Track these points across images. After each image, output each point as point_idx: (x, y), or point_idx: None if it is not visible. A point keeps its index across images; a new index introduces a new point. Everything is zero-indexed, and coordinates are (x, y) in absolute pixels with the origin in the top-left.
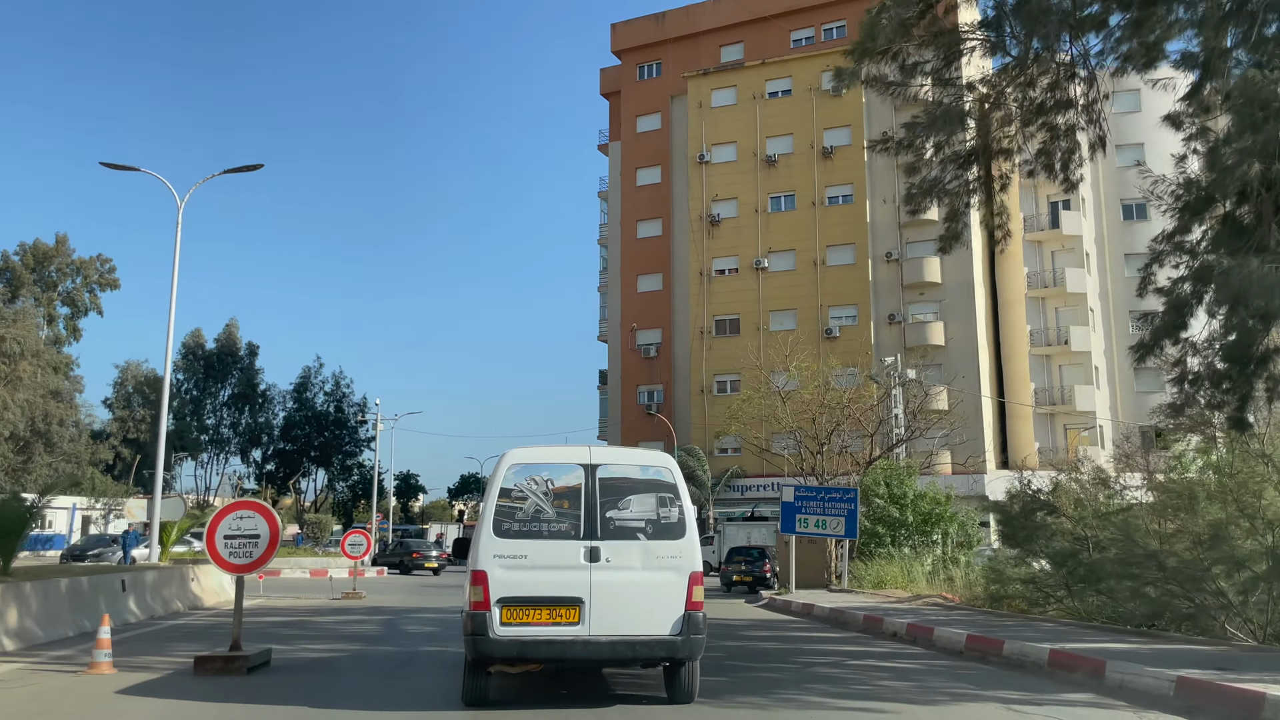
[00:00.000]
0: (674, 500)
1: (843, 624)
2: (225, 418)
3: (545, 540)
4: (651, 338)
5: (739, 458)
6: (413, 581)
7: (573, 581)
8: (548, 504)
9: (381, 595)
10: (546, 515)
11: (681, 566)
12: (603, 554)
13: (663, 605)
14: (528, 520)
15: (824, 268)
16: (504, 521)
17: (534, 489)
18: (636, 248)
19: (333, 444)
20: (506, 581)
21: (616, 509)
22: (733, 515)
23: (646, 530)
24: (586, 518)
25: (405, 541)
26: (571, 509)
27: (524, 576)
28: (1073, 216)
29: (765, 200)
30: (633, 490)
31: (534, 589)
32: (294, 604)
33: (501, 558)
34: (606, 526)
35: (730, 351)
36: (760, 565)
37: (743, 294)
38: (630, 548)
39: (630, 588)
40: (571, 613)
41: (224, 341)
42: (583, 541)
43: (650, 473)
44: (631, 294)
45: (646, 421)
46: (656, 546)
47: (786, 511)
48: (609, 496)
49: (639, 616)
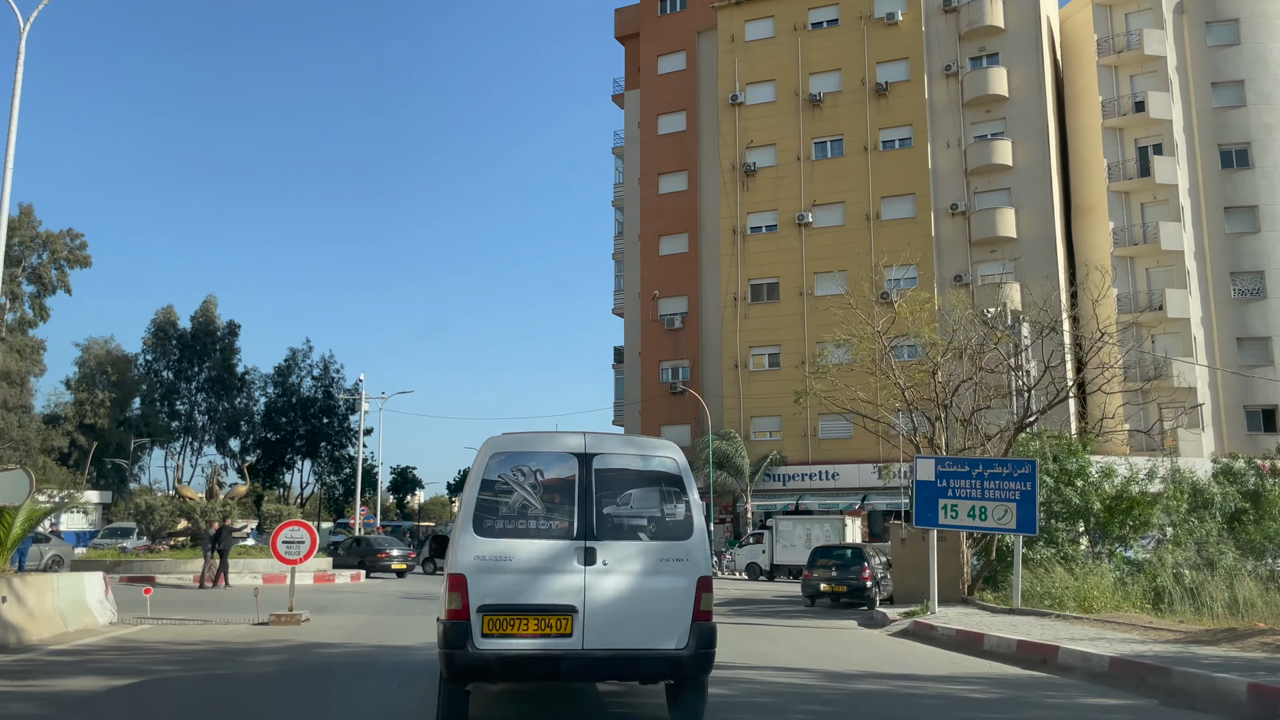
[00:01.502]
0: (680, 495)
1: (1118, 682)
2: (201, 403)
3: (533, 540)
4: (676, 307)
5: (778, 442)
6: (378, 590)
7: (564, 587)
8: (536, 498)
9: (331, 616)
10: (535, 511)
11: (689, 570)
12: (599, 556)
13: (667, 615)
14: (513, 516)
15: (878, 222)
16: (486, 518)
17: (520, 481)
18: (658, 205)
19: (320, 433)
20: (488, 587)
21: (615, 504)
22: (773, 509)
23: (649, 529)
24: (580, 514)
25: (368, 539)
26: (563, 504)
27: (508, 581)
28: (1165, 163)
29: (808, 146)
30: (634, 483)
31: (520, 595)
32: (177, 637)
33: (483, 559)
34: (603, 524)
35: (769, 320)
36: (857, 571)
37: (783, 254)
38: (630, 549)
39: (630, 594)
40: (563, 622)
41: (201, 320)
42: (576, 541)
43: (654, 463)
44: (653, 257)
45: (671, 402)
46: (660, 548)
47: (924, 496)
48: (606, 490)
49: (640, 627)
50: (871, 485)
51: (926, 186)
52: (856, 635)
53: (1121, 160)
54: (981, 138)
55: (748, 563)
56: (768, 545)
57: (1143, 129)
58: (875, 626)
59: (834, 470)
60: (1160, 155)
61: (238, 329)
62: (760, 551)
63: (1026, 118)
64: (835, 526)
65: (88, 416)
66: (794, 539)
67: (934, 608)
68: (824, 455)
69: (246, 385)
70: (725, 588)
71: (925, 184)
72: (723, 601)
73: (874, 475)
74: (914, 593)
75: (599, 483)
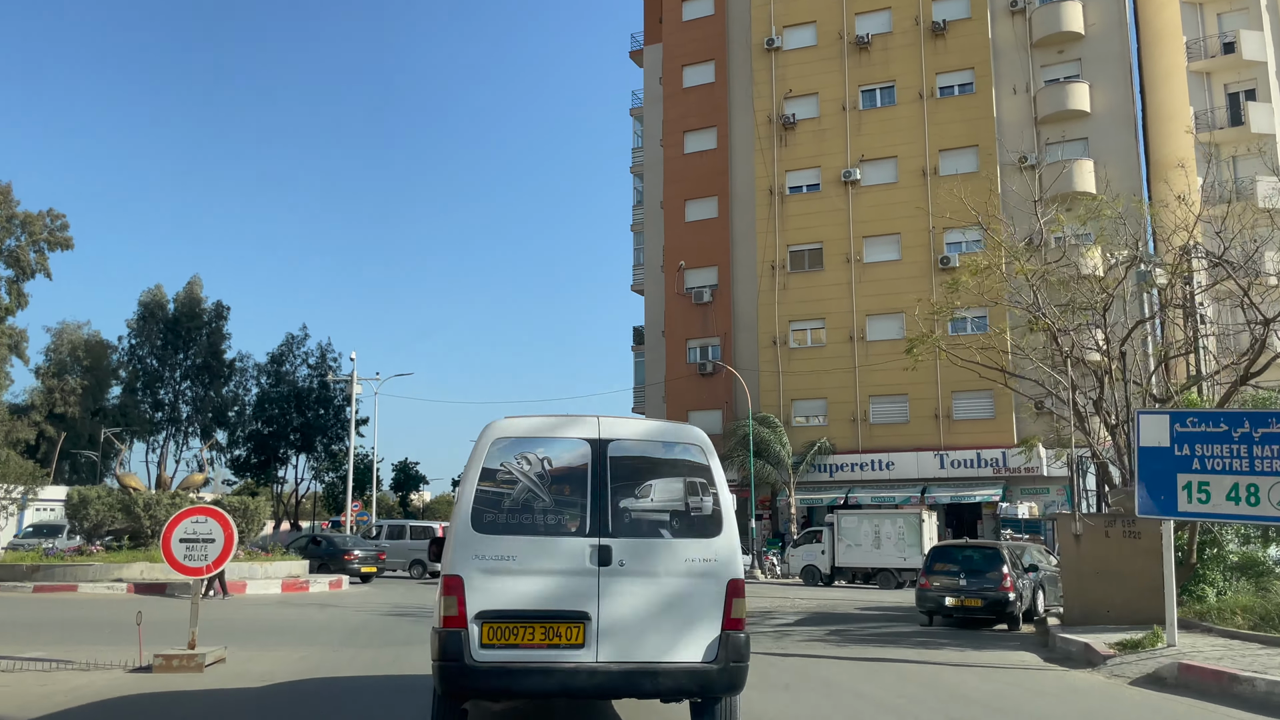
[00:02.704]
0: (707, 486)
1: None
2: (186, 392)
3: (540, 537)
4: (705, 278)
5: (822, 428)
6: (357, 603)
7: (576, 590)
8: (544, 489)
9: (265, 651)
10: (542, 504)
11: (717, 572)
12: (615, 555)
13: (692, 623)
14: (517, 510)
15: (937, 178)
16: (486, 512)
17: (526, 470)
18: (684, 166)
19: (315, 426)
20: (489, 590)
21: (633, 497)
22: (817, 503)
23: (672, 525)
24: (594, 508)
25: (329, 538)
26: (574, 496)
27: (512, 584)
28: (1260, 110)
29: (855, 94)
30: (654, 473)
31: (525, 600)
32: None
33: (483, 559)
34: (620, 519)
35: (811, 291)
36: (995, 580)
37: (827, 216)
38: (651, 547)
39: (650, 600)
40: (574, 631)
41: (185, 302)
42: (589, 539)
43: (677, 450)
44: (678, 225)
45: (699, 385)
46: (685, 546)
47: (1153, 469)
48: (623, 481)
49: (661, 637)
50: (932, 475)
51: (991, 137)
52: (1076, 685)
53: (1209, 108)
54: (1053, 81)
55: (804, 565)
56: (827, 544)
57: (1233, 72)
58: (1072, 663)
59: (888, 459)
60: (1254, 101)
61: (226, 311)
62: (819, 552)
63: (1105, 58)
64: (910, 523)
65: (57, 405)
66: (859, 536)
67: (1172, 637)
68: (876, 442)
69: (236, 373)
70: (786, 595)
71: (990, 135)
72: (797, 616)
73: (935, 464)
74: (1095, 610)
75: (615, 472)
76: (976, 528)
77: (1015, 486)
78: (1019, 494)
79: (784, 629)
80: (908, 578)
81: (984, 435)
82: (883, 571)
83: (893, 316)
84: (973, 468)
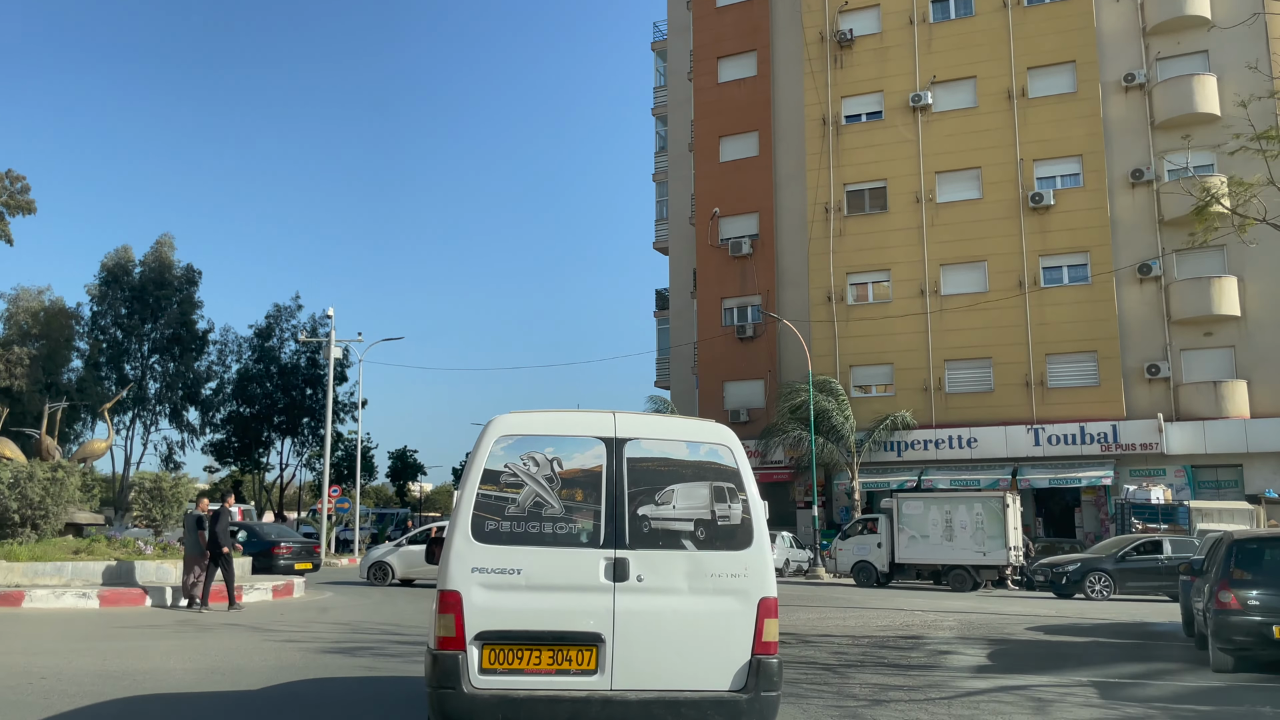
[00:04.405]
0: (736, 492)
1: None
2: (156, 367)
3: (549, 548)
4: (743, 227)
5: (889, 399)
6: (301, 616)
7: (588, 609)
8: (553, 494)
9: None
10: (551, 511)
11: (747, 589)
12: (632, 569)
13: (719, 646)
14: (523, 518)
15: (1025, 102)
16: (488, 520)
17: (533, 472)
18: (718, 98)
19: (301, 406)
20: (490, 608)
21: (654, 504)
22: (884, 487)
23: (696, 535)
24: (609, 516)
25: (250, 526)
26: (587, 502)
27: (516, 601)
28: None
29: (925, 3)
30: (677, 476)
31: (531, 620)
32: None
33: (484, 572)
34: (638, 529)
35: (874, 237)
36: None
37: (892, 149)
38: (672, 560)
39: (672, 620)
40: (586, 655)
41: (154, 265)
42: (603, 550)
43: (702, 451)
44: (711, 166)
45: (737, 351)
46: (711, 560)
47: None
48: (643, 485)
49: (684, 663)
50: (1025, 454)
51: (1091, 51)
52: None
53: None
54: None
55: (855, 562)
56: (885, 535)
57: None
58: None
59: (970, 435)
60: None
61: (198, 276)
62: (875, 545)
63: None
64: (991, 508)
65: (2, 378)
66: (925, 525)
67: None
68: (954, 415)
69: (210, 346)
70: (893, 604)
71: (1089, 48)
72: (977, 646)
73: (1028, 440)
74: None
75: (633, 475)
76: (1074, 517)
77: (1124, 467)
78: (1127, 476)
79: (983, 674)
80: (987, 577)
81: (1086, 406)
82: (956, 569)
83: (973, 265)
84: (1074, 444)
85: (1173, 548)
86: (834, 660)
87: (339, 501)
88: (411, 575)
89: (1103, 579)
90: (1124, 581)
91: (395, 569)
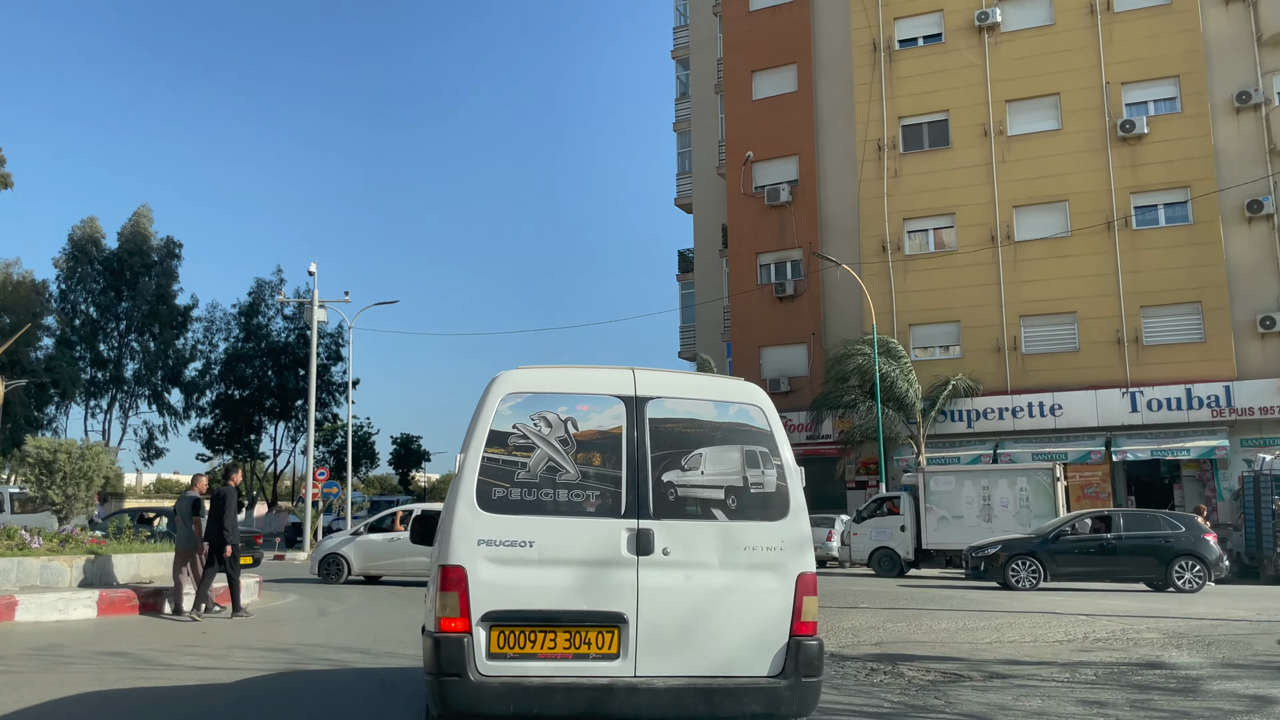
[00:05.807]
0: (770, 457)
1: None
2: (134, 345)
3: (563, 518)
4: (781, 172)
5: (955, 361)
6: (274, 628)
7: (609, 586)
8: (567, 459)
9: None
10: (565, 477)
11: (784, 564)
12: (657, 541)
13: (755, 627)
14: (534, 485)
15: (1111, 16)
16: (495, 486)
17: (545, 434)
18: (750, 29)
19: (293, 389)
20: (499, 584)
21: (679, 469)
22: (953, 461)
23: (727, 504)
24: (631, 483)
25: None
26: (606, 467)
27: (528, 577)
28: None
29: None
30: (705, 439)
31: (545, 598)
32: None
33: (491, 545)
34: (663, 497)
35: (935, 178)
36: None
37: (955, 75)
38: (702, 532)
39: (702, 598)
40: (607, 638)
41: (129, 238)
42: (625, 520)
43: (732, 411)
44: (743, 105)
45: (774, 312)
46: (744, 531)
47: None
48: (667, 448)
49: (716, 645)
50: (1120, 423)
51: None
52: None
53: None
54: None
55: (874, 548)
56: (908, 517)
57: None
58: None
59: (1053, 401)
60: None
61: (178, 249)
62: (898, 528)
63: None
64: (1038, 483)
65: None
66: (959, 504)
67: None
68: (1033, 379)
69: (195, 323)
70: (988, 605)
71: None
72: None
73: (1124, 405)
74: None
75: (656, 438)
76: (1174, 494)
77: (1236, 436)
78: (1237, 446)
79: None
80: None
81: (1190, 365)
82: None
83: (1053, 206)
84: (1179, 409)
85: (1126, 524)
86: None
87: (326, 485)
88: (373, 570)
89: (1029, 564)
90: (1056, 567)
91: (352, 562)
